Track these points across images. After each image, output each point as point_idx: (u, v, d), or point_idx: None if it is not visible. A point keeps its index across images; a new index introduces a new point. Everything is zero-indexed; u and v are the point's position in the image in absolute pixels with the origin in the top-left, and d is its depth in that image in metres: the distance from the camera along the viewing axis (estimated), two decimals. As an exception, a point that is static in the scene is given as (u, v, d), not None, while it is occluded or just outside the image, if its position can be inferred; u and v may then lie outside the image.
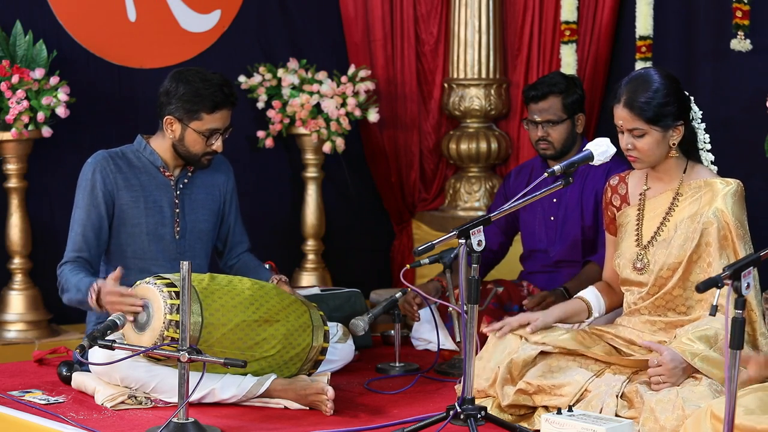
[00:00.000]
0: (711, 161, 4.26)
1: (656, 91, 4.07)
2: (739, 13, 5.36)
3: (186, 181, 4.73)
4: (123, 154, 4.70)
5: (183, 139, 4.61)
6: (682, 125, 4.11)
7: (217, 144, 4.62)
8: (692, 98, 4.20)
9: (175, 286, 4.14)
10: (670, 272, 4.11)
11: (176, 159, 4.70)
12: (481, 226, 3.89)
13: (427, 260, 4.65)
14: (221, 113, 4.59)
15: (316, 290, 5.46)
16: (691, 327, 4.03)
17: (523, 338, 4.19)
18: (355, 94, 6.01)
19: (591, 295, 4.37)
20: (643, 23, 5.76)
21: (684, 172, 4.18)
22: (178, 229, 4.70)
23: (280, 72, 6.01)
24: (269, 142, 6.02)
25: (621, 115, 4.10)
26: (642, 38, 5.77)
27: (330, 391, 4.22)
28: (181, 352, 3.87)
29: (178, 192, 4.71)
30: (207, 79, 4.58)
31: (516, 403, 4.09)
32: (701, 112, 4.23)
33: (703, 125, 4.22)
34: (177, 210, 4.70)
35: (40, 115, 5.26)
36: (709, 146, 4.25)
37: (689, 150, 4.20)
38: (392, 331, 5.17)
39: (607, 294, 4.38)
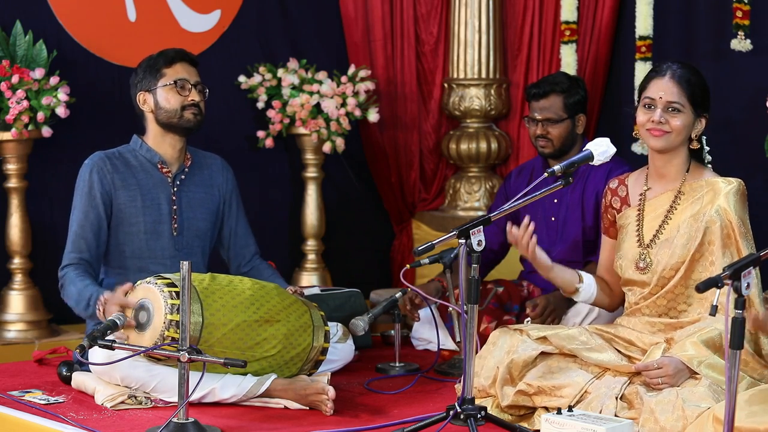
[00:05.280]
0: None
1: (699, 77, 4.16)
2: (739, 13, 5.36)
3: (183, 177, 4.75)
4: (120, 154, 4.74)
5: (158, 103, 4.67)
6: (706, 120, 4.16)
7: (193, 94, 4.67)
8: None
9: (176, 286, 4.14)
10: (673, 272, 4.11)
11: (172, 150, 4.72)
12: (481, 226, 3.89)
13: (427, 260, 4.65)
14: (180, 65, 4.70)
15: (316, 290, 5.46)
16: (693, 329, 4.03)
17: (525, 333, 4.19)
18: (355, 94, 6.01)
19: (586, 275, 4.36)
20: (643, 23, 5.76)
21: (687, 172, 4.19)
22: (175, 225, 4.71)
23: (280, 72, 6.01)
24: (269, 142, 6.02)
25: (664, 86, 4.12)
26: (642, 38, 5.77)
27: (331, 391, 4.21)
28: (181, 352, 3.87)
29: (175, 189, 4.72)
30: (158, 51, 4.76)
31: (515, 404, 4.09)
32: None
33: (707, 149, 4.25)
34: (174, 207, 4.71)
35: (40, 115, 5.26)
36: (709, 158, 4.26)
37: (696, 152, 4.21)
38: (392, 331, 5.17)
39: (602, 289, 4.37)
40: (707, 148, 4.26)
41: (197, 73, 4.74)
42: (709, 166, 4.25)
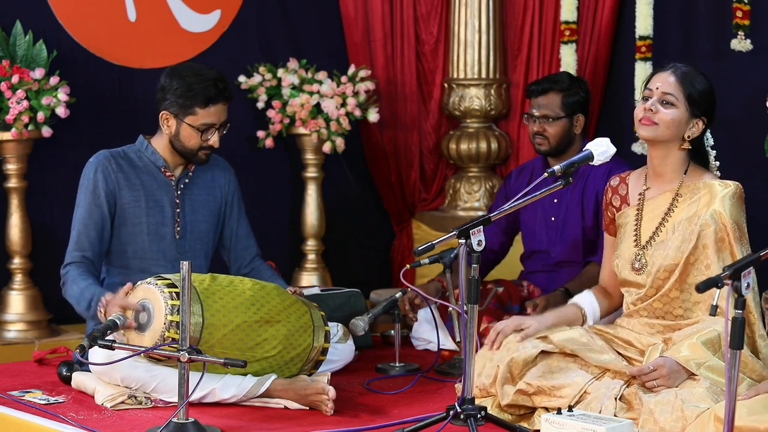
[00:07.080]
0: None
1: (703, 80, 4.14)
2: (739, 13, 5.36)
3: (187, 181, 4.75)
4: (125, 153, 4.72)
5: (178, 134, 4.62)
6: (704, 124, 4.13)
7: (213, 139, 4.62)
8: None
9: (176, 287, 4.14)
10: (667, 274, 4.11)
11: (177, 158, 4.71)
12: (481, 226, 3.89)
13: (427, 260, 4.65)
14: (215, 108, 4.60)
15: (316, 290, 5.45)
16: (691, 330, 4.02)
17: None
18: (355, 94, 6.01)
19: (586, 302, 4.36)
20: (643, 23, 5.76)
21: (685, 173, 4.18)
22: (178, 228, 4.71)
23: (280, 72, 6.01)
24: (269, 142, 6.02)
25: (663, 78, 4.13)
26: (642, 38, 5.77)
27: (331, 391, 4.21)
28: (181, 352, 3.87)
29: (178, 192, 4.72)
30: (200, 74, 4.60)
31: (515, 403, 4.09)
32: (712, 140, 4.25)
33: (714, 152, 4.24)
34: (177, 210, 4.71)
35: (40, 115, 5.26)
36: (718, 174, 4.25)
37: (696, 156, 4.20)
38: (392, 331, 5.17)
39: (603, 298, 4.37)
40: (717, 164, 4.25)
41: (227, 110, 4.64)
42: (717, 173, 4.24)
